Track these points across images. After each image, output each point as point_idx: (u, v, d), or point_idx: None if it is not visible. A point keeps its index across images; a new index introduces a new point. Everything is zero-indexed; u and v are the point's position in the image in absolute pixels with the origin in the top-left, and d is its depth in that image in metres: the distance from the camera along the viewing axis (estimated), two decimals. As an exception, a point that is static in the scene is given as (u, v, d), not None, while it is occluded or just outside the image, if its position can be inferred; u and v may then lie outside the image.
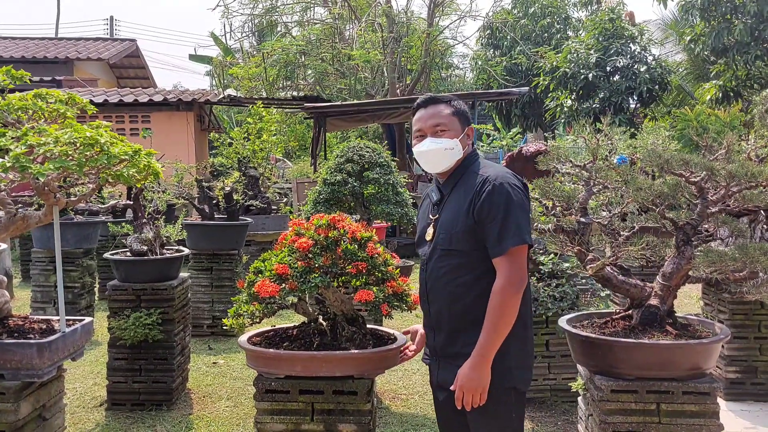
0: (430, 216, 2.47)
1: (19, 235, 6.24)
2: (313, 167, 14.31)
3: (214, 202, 6.99)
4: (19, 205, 6.65)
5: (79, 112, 3.19)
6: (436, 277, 2.42)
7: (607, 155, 4.21)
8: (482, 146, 23.27)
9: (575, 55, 14.64)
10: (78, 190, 3.65)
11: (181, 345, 4.92)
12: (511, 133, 23.19)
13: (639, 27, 15.21)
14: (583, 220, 2.80)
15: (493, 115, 21.41)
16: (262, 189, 8.77)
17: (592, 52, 14.52)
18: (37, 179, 2.87)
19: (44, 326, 3.09)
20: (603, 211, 3.36)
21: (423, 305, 2.53)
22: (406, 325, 6.91)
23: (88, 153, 2.75)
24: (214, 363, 5.79)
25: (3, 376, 2.88)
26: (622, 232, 2.92)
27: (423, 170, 16.58)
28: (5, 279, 3.17)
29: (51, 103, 3.07)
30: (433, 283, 2.44)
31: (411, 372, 5.43)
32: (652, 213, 2.83)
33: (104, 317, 4.91)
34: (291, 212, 9.62)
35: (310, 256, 2.92)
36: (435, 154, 2.40)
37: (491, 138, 24.62)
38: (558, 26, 18.43)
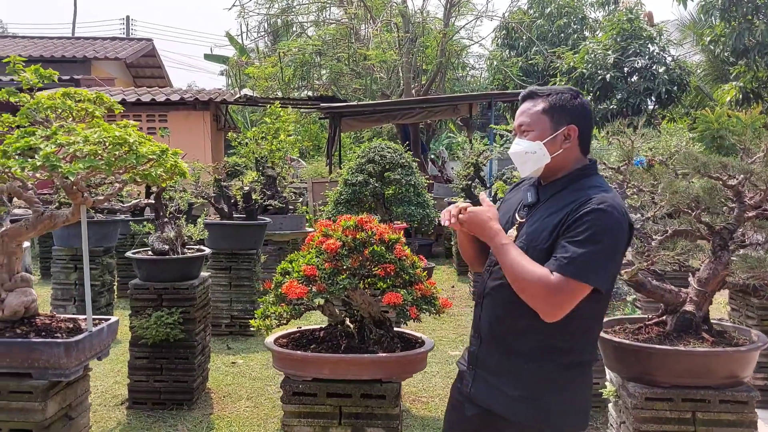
0: (517, 217, 2.14)
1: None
2: (328, 167, 14.31)
3: (232, 201, 6.98)
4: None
5: (106, 111, 3.18)
6: (497, 286, 2.10)
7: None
8: (496, 147, 23.15)
9: (593, 55, 14.53)
10: (101, 190, 3.64)
11: (201, 344, 4.91)
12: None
13: (658, 27, 15.09)
14: (616, 223, 2.75)
15: (507, 116, 21.31)
16: (279, 189, 8.76)
17: (609, 52, 14.40)
18: (66, 178, 2.87)
19: (71, 325, 3.08)
20: (630, 213, 3.31)
21: (476, 309, 2.24)
22: (432, 327, 6.88)
23: (117, 152, 2.74)
24: (233, 363, 5.78)
25: (30, 375, 2.87)
26: (654, 236, 2.87)
27: (439, 171, 16.52)
28: (33, 278, 3.17)
29: (79, 102, 3.07)
30: (494, 289, 2.13)
31: (431, 374, 5.39)
32: (685, 217, 2.78)
33: (123, 315, 4.91)
34: (308, 212, 9.61)
35: (338, 257, 2.89)
36: (516, 157, 2.12)
37: (504, 139, 24.43)
38: (575, 26, 18.31)
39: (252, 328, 6.65)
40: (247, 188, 6.92)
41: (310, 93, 16.89)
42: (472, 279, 8.10)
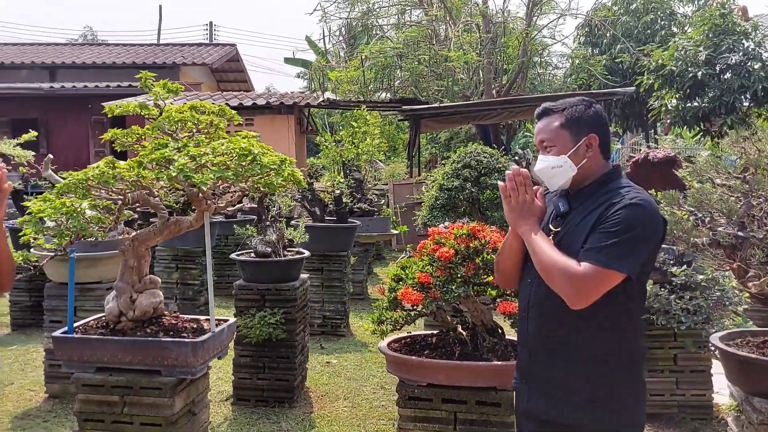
0: (551, 227, 2.17)
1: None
2: (409, 169, 14.39)
3: (324, 204, 7.15)
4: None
5: (227, 122, 3.34)
6: (543, 296, 2.12)
7: (720, 157, 4.00)
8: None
9: (683, 52, 14.00)
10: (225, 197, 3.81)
11: (301, 344, 5.06)
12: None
13: (753, 22, 14.39)
14: (741, 234, 2.68)
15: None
16: (365, 191, 8.89)
17: (701, 49, 13.83)
18: (194, 187, 3.04)
19: (194, 325, 3.25)
20: (754, 223, 3.20)
21: (521, 322, 2.25)
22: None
23: (243, 163, 2.87)
24: (327, 362, 5.93)
25: (160, 372, 3.06)
26: (779, 247, 2.78)
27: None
28: (159, 279, 3.36)
29: (203, 114, 3.23)
30: (538, 301, 2.16)
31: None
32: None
33: (220, 313, 5.11)
34: (391, 215, 9.71)
35: (452, 265, 2.94)
36: (543, 173, 2.17)
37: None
38: (662, 22, 17.70)
39: (343, 329, 6.88)
40: (338, 191, 7.07)
41: (389, 95, 17.02)
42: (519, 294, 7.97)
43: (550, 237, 2.14)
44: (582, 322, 2.04)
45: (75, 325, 3.22)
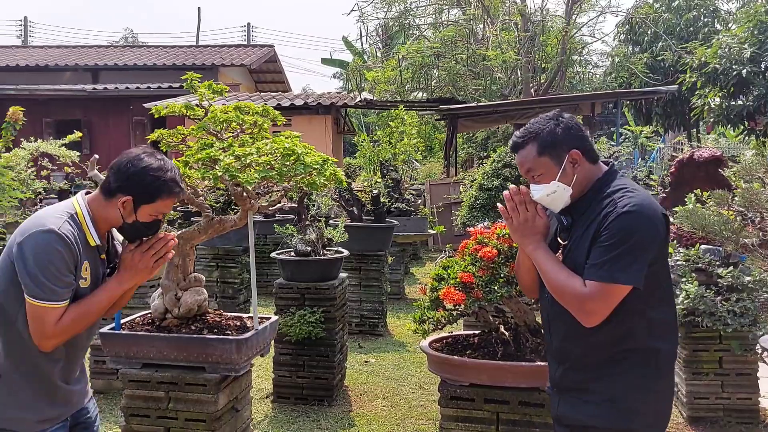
0: (559, 240, 2.19)
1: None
2: (446, 169, 14.36)
3: (361, 204, 7.18)
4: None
5: (271, 122, 3.38)
6: (559, 310, 2.13)
7: (765, 156, 3.90)
8: (612, 145, 22.22)
9: (726, 49, 13.68)
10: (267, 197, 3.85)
11: (340, 343, 5.09)
12: (645, 131, 22.02)
13: (801, 18, 13.97)
14: (794, 235, 2.61)
15: (626, 112, 20.43)
16: (402, 191, 8.90)
17: (745, 46, 13.49)
18: (238, 186, 3.08)
19: (238, 323, 3.29)
20: None
21: (546, 335, 2.30)
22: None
23: (287, 162, 2.91)
24: (365, 361, 5.95)
25: (204, 369, 3.10)
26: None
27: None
28: (203, 278, 3.41)
29: (247, 114, 3.28)
30: (556, 315, 2.18)
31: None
32: None
33: (259, 311, 5.16)
34: (428, 214, 9.70)
35: (494, 265, 2.93)
36: (543, 201, 2.17)
37: (623, 137, 23.39)
38: (705, 20, 17.33)
39: (381, 328, 6.90)
40: (375, 191, 7.10)
41: (425, 95, 17.00)
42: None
43: (559, 251, 2.16)
44: (596, 331, 2.05)
45: (122, 321, 3.29)
